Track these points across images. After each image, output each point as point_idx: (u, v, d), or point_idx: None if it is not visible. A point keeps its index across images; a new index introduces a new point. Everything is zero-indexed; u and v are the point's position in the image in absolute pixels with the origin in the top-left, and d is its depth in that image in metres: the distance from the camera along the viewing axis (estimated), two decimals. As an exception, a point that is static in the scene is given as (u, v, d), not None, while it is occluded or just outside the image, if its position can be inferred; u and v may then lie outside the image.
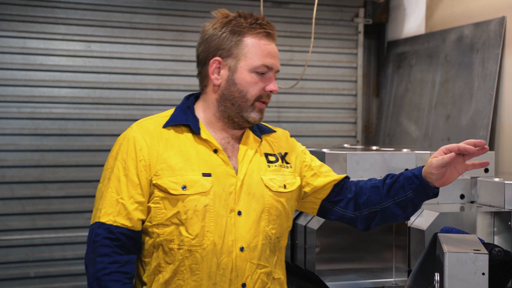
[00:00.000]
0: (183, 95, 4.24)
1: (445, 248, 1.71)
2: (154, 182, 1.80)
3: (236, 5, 4.24)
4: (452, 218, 2.46)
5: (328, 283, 2.52)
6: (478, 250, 1.69)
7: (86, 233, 4.33)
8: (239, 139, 1.94)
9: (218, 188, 1.82)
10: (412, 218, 2.54)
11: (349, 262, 2.60)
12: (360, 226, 2.04)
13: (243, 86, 1.86)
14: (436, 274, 1.76)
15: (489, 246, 2.04)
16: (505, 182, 2.51)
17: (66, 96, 4.04)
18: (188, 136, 1.87)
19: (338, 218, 2.07)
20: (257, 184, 1.89)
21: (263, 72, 1.85)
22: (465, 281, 1.63)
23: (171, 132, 1.87)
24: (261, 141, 1.98)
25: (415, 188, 1.91)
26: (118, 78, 4.15)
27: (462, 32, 3.90)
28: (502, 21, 3.55)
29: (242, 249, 1.83)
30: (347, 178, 2.09)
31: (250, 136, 1.96)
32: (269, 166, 1.94)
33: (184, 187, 1.80)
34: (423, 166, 1.91)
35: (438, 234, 1.91)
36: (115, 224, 1.79)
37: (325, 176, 2.06)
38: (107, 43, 4.12)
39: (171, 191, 1.79)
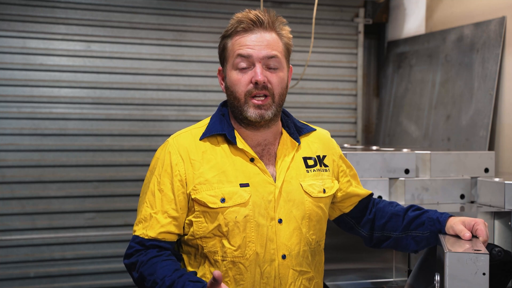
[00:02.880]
0: (183, 95, 4.31)
1: (446, 248, 1.70)
2: (193, 197, 1.79)
3: (236, 5, 4.24)
4: (452, 218, 2.45)
5: (328, 283, 2.52)
6: (478, 250, 1.68)
7: (86, 233, 4.38)
8: (274, 145, 1.91)
9: (256, 197, 1.81)
10: (412, 218, 2.54)
11: (349, 262, 2.59)
12: (369, 244, 2.09)
13: (232, 87, 1.82)
14: (436, 274, 1.76)
15: (489, 246, 2.04)
16: (505, 182, 2.51)
17: (66, 96, 4.04)
18: (224, 147, 1.85)
19: (351, 231, 2.11)
20: (296, 191, 1.87)
21: (243, 66, 1.80)
22: (466, 281, 1.63)
23: (207, 144, 1.85)
24: (299, 144, 1.94)
25: (435, 230, 1.93)
26: (118, 78, 4.15)
27: (462, 32, 3.90)
28: (502, 21, 3.55)
29: (284, 256, 1.82)
30: (371, 195, 2.11)
31: (287, 140, 1.93)
32: (308, 171, 1.92)
33: (222, 200, 1.79)
34: (450, 216, 1.93)
35: (439, 234, 1.91)
36: (146, 237, 1.79)
37: (355, 186, 2.07)
38: (107, 43, 4.12)
39: (210, 205, 1.78)
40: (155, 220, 1.79)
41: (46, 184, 4.00)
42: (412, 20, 4.54)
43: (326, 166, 1.97)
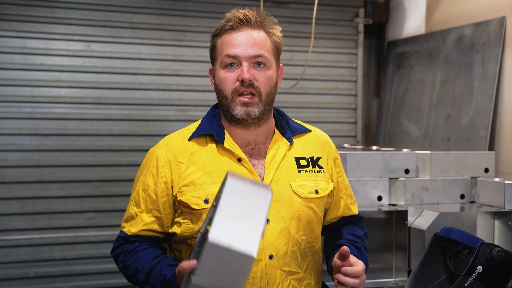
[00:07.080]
0: (183, 95, 4.31)
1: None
2: (178, 199, 1.81)
3: (236, 5, 4.21)
4: (452, 218, 2.46)
5: (328, 283, 2.52)
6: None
7: (86, 233, 4.38)
8: (265, 144, 1.89)
9: None
10: (412, 218, 2.54)
11: (349, 262, 2.59)
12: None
13: (219, 85, 1.84)
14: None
15: (489, 246, 2.04)
16: (505, 182, 2.52)
17: (66, 96, 4.04)
18: (211, 147, 1.85)
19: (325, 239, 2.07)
20: (285, 191, 1.84)
21: (230, 63, 1.81)
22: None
23: (195, 145, 1.86)
24: (291, 144, 1.91)
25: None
26: (118, 78, 4.15)
27: (462, 32, 3.90)
28: (502, 21, 3.55)
29: (271, 257, 1.80)
30: (359, 217, 2.06)
31: (279, 139, 1.91)
32: (299, 172, 1.89)
33: (206, 201, 1.79)
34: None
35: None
36: (130, 233, 1.87)
37: (349, 204, 2.02)
38: (107, 43, 4.12)
39: (194, 206, 1.79)
40: (139, 218, 1.86)
41: (46, 184, 4.00)
42: (412, 20, 4.54)
43: (320, 167, 1.93)
